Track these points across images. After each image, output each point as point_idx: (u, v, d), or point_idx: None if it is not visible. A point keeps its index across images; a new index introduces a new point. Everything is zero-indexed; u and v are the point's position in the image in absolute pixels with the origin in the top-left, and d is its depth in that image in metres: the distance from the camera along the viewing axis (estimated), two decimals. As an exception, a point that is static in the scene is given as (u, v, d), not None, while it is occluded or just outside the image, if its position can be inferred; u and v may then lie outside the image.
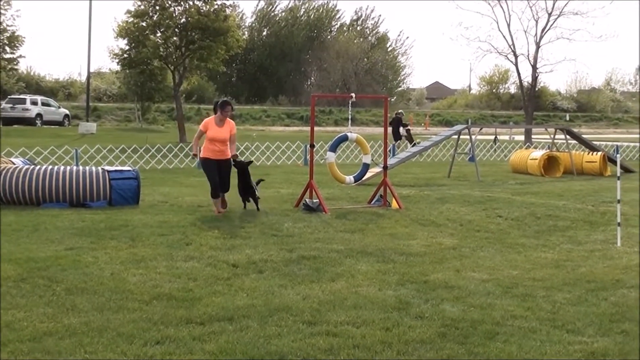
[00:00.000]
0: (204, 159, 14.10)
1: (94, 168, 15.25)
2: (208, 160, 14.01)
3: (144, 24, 40.94)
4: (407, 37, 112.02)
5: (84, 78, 73.17)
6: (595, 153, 25.61)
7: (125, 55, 41.63)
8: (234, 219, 13.25)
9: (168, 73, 44.32)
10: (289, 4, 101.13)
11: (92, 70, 66.40)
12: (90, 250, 10.20)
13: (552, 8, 45.03)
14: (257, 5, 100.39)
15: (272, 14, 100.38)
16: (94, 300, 7.77)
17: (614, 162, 24.26)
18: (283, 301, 7.83)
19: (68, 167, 15.21)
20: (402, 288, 8.48)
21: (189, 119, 63.19)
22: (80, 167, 15.32)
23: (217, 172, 13.99)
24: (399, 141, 35.60)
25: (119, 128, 57.29)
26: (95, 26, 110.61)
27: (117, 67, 45.18)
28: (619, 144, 38.88)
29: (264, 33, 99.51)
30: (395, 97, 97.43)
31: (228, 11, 42.10)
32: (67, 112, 58.91)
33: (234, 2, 43.13)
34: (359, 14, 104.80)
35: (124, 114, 66.39)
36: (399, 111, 40.19)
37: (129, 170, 15.39)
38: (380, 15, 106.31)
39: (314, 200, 14.53)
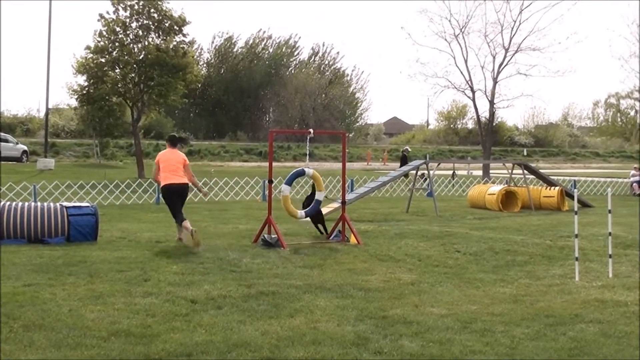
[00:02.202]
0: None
1: (52, 204, 15.09)
2: None
3: (103, 60, 40.85)
4: (363, 72, 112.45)
5: (42, 114, 72.60)
6: (552, 188, 25.91)
7: (84, 92, 41.43)
8: (193, 255, 13.18)
9: (127, 109, 44.15)
10: (248, 39, 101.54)
11: (50, 106, 65.99)
12: (48, 287, 10.08)
13: (509, 44, 45.72)
14: (214, 42, 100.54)
15: (230, 50, 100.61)
16: (52, 336, 7.68)
17: (571, 196, 24.56)
18: (242, 337, 7.80)
19: (26, 203, 15.04)
20: (361, 323, 8.48)
21: (147, 154, 62.88)
22: (39, 203, 15.16)
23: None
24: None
25: (78, 164, 56.85)
26: (53, 62, 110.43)
27: (76, 104, 44.87)
28: (576, 178, 39.37)
29: (222, 69, 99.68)
30: (353, 133, 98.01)
31: (187, 47, 42.16)
32: (25, 148, 58.30)
33: (192, 39, 43.06)
34: (317, 50, 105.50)
35: (83, 149, 65.91)
36: (405, 148, 40.87)
37: (87, 206, 15.26)
38: (337, 52, 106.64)
39: (273, 236, 14.51)
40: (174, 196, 14.99)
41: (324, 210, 17.99)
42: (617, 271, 12.14)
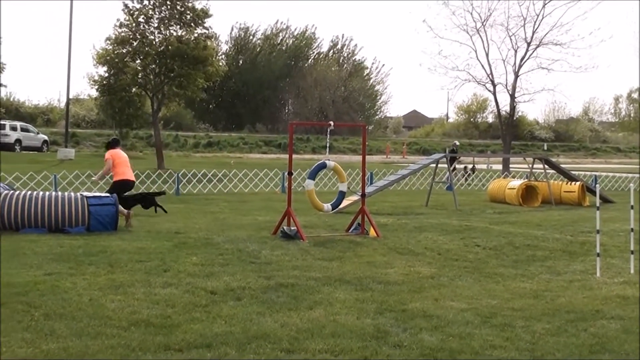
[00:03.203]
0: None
1: (72, 194, 15.18)
2: None
3: (123, 51, 40.93)
4: (384, 65, 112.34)
5: (63, 104, 73.14)
6: (573, 183, 25.78)
7: (105, 82, 41.55)
8: (212, 246, 13.21)
9: (146, 100, 44.24)
10: (265, 30, 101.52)
11: (71, 96, 66.25)
12: (68, 276, 10.14)
13: (532, 38, 45.43)
14: (232, 33, 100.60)
15: (248, 41, 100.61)
16: (73, 325, 7.71)
17: (592, 192, 24.44)
18: (261, 329, 7.80)
19: (47, 193, 15.13)
20: (381, 317, 8.47)
21: (167, 145, 63.11)
22: (59, 193, 15.25)
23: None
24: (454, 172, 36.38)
25: (98, 154, 56.97)
26: (74, 53, 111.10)
27: (96, 94, 45.04)
28: (597, 174, 39.16)
29: (241, 60, 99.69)
30: (372, 126, 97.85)
31: (208, 41, 42.17)
32: (45, 137, 58.67)
33: (214, 32, 43.06)
34: (336, 42, 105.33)
35: (103, 140, 66.03)
36: (454, 143, 41.04)
37: (107, 197, 15.34)
38: (356, 44, 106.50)
39: (292, 228, 14.52)
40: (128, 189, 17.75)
41: (344, 202, 17.98)
42: (639, 267, 12.06)
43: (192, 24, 41.18)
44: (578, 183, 25.62)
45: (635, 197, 12.55)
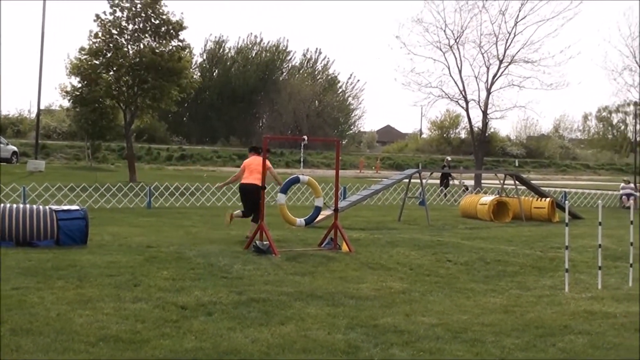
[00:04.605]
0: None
1: (41, 207, 15.02)
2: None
3: (97, 62, 40.75)
4: (358, 81, 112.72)
5: (33, 115, 72.44)
6: (543, 199, 25.95)
7: (77, 93, 41.33)
8: (183, 260, 13.15)
9: (119, 112, 44.07)
10: (237, 43, 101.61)
11: (42, 107, 65.79)
12: (36, 290, 10.03)
13: (503, 55, 45.80)
14: (206, 45, 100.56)
15: (221, 54, 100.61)
16: (40, 341, 7.64)
17: (562, 208, 24.61)
18: (232, 344, 7.77)
19: (15, 205, 14.94)
20: (352, 332, 8.46)
21: (139, 158, 62.86)
22: (28, 206, 15.07)
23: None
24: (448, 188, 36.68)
25: (68, 166, 56.73)
26: (46, 63, 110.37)
27: (68, 105, 44.79)
28: (567, 190, 39.46)
29: (215, 73, 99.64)
30: (346, 140, 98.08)
31: (182, 52, 42.09)
32: (15, 149, 58.09)
33: (188, 44, 42.96)
34: (309, 56, 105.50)
35: (74, 152, 65.77)
36: (446, 158, 41.31)
37: (77, 210, 15.20)
38: (328, 59, 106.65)
39: (264, 242, 14.49)
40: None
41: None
42: (606, 283, 12.16)
43: (166, 36, 41.10)
44: (548, 199, 25.80)
45: (604, 214, 12.64)
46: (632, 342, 8.31)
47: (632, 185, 35.52)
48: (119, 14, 40.55)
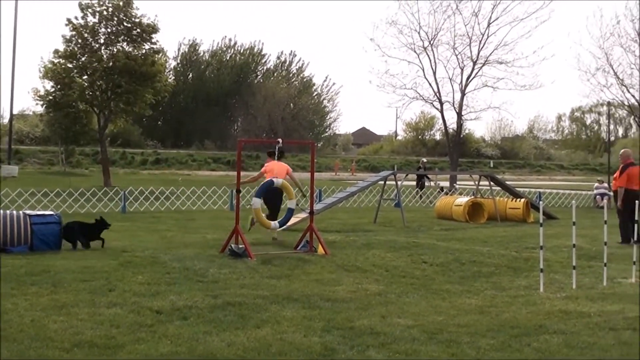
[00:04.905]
0: None
1: (15, 212, 14.90)
2: None
3: (70, 66, 40.56)
4: (334, 83, 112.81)
5: (6, 120, 72.05)
6: (518, 200, 26.07)
7: (51, 97, 41.12)
8: (159, 265, 13.10)
9: (93, 116, 43.88)
10: (211, 47, 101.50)
11: (15, 112, 65.37)
12: (10, 297, 9.95)
13: (477, 57, 46.02)
14: (180, 48, 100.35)
15: (195, 57, 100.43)
16: (13, 348, 7.57)
17: (536, 208, 24.76)
18: (207, 348, 7.75)
19: (-12, 211, 14.83)
20: (328, 334, 8.46)
21: (113, 162, 62.60)
22: (1, 211, 14.94)
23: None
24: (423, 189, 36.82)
25: (42, 171, 56.41)
26: (19, 66, 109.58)
27: (42, 110, 44.57)
28: (541, 190, 39.69)
29: (189, 76, 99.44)
30: (321, 143, 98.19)
31: (156, 56, 41.98)
32: (-13, 155, 57.76)
33: (161, 47, 42.88)
34: (283, 58, 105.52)
35: (47, 157, 65.44)
36: (422, 160, 41.39)
37: (51, 215, 15.10)
38: (303, 61, 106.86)
39: (240, 246, 14.47)
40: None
41: (292, 220, 17.98)
42: (581, 282, 12.23)
43: (139, 40, 40.97)
44: (523, 200, 25.93)
45: (578, 214, 12.73)
46: (606, 341, 8.36)
47: (605, 185, 35.75)
48: (90, 17, 40.40)
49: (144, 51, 41.21)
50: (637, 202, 14.38)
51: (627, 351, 7.97)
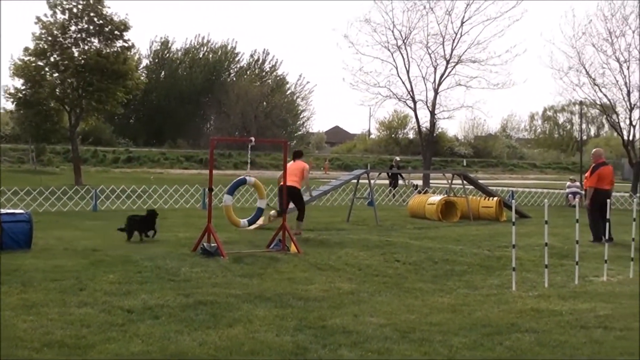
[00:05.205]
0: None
1: (-16, 210, 14.78)
2: None
3: (41, 63, 40.27)
4: (308, 82, 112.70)
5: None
6: (491, 198, 26.20)
7: (21, 95, 40.80)
8: (130, 264, 13.03)
9: (64, 114, 43.58)
10: (184, 44, 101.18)
11: (-16, 110, 64.78)
12: (-22, 296, 9.87)
13: (450, 55, 46.21)
14: (152, 46, 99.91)
15: (167, 55, 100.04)
16: (-19, 348, 7.51)
17: (509, 207, 24.88)
18: (179, 347, 7.72)
19: (-44, 210, 14.69)
20: (300, 333, 8.45)
21: (85, 161, 62.17)
22: (-30, 210, 14.83)
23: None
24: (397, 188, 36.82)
25: (12, 169, 55.91)
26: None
27: (12, 107, 44.23)
28: (514, 189, 39.90)
29: (162, 74, 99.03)
30: (295, 141, 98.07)
31: (129, 54, 41.78)
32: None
33: (133, 44, 42.64)
34: (257, 57, 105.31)
35: (18, 155, 64.91)
36: (395, 159, 41.37)
37: (21, 213, 15.00)
38: (277, 59, 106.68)
39: (212, 245, 14.42)
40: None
41: (260, 221, 17.99)
42: (553, 281, 12.30)
43: (111, 37, 40.75)
44: (495, 198, 26.05)
45: (550, 213, 12.81)
46: (578, 339, 8.41)
47: (577, 183, 36.04)
48: (60, 15, 40.12)
49: (115, 49, 40.99)
50: (608, 201, 14.50)
51: (599, 349, 8.03)
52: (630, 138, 41.30)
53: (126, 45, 41.66)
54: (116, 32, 40.83)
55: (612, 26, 39.52)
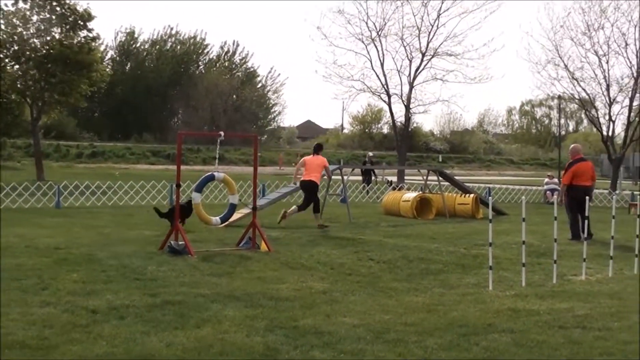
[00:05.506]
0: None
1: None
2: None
3: (1, 55, 39.90)
4: (279, 75, 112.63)
5: None
6: (467, 195, 26.30)
7: (-21, 87, 40.42)
8: (94, 262, 12.97)
9: (26, 107, 43.22)
10: (152, 35, 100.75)
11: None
12: None
13: (426, 48, 46.26)
14: (117, 37, 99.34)
15: (134, 46, 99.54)
16: (-61, 350, 7.45)
17: (486, 204, 25.01)
18: (145, 349, 7.70)
19: None
20: (271, 334, 8.45)
21: (47, 155, 61.74)
22: None
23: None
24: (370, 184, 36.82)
25: (-29, 164, 55.41)
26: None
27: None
28: (491, 186, 40.10)
29: (128, 66, 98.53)
30: (265, 136, 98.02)
31: (93, 44, 41.50)
32: None
33: (97, 34, 42.36)
34: (227, 48, 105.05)
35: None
36: (368, 154, 41.28)
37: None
38: (248, 51, 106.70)
39: (180, 243, 14.38)
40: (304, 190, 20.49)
41: (235, 216, 17.95)
42: (530, 280, 12.39)
43: (74, 27, 40.45)
44: (472, 195, 26.16)
45: (527, 210, 12.88)
46: (556, 339, 8.48)
47: (556, 180, 36.23)
48: (21, 4, 39.78)
49: (79, 39, 40.68)
50: (587, 198, 14.61)
51: (577, 350, 8.09)
52: (610, 133, 41.60)
53: (90, 35, 41.34)
54: (80, 22, 40.51)
55: (591, 19, 39.78)
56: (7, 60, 40.19)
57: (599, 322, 9.30)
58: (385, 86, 46.83)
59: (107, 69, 50.39)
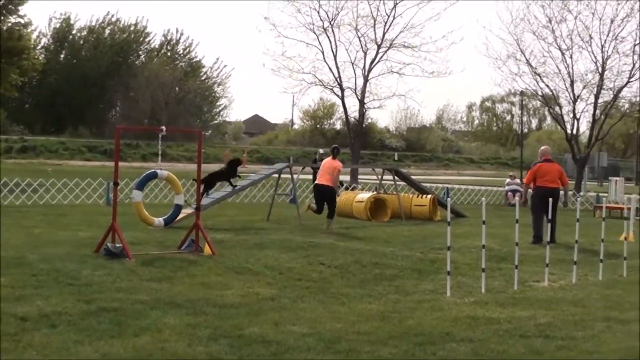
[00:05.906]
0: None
1: None
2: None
3: None
4: (225, 66, 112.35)
5: None
6: (424, 196, 26.43)
7: None
8: (24, 266, 12.81)
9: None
10: (88, 22, 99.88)
11: None
12: None
13: (382, 40, 46.36)
14: (51, 23, 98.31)
15: (69, 33, 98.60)
16: None
17: (444, 205, 25.15)
18: (79, 359, 7.63)
19: None
20: (214, 343, 8.43)
21: (-26, 150, 60.96)
22: None
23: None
24: None
25: None
26: None
27: None
28: (449, 186, 40.33)
29: (62, 54, 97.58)
30: (210, 131, 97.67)
31: (23, 30, 41.06)
32: None
33: (29, 20, 41.94)
34: (169, 37, 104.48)
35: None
36: (319, 152, 40.85)
37: None
38: (192, 40, 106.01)
39: (117, 245, 14.28)
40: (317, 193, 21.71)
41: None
42: (490, 286, 12.49)
43: (4, 11, 39.99)
44: (429, 196, 26.29)
45: (488, 212, 12.97)
46: (516, 349, 8.55)
47: (517, 180, 36.61)
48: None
49: (9, 25, 40.22)
50: (550, 199, 14.76)
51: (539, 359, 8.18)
52: (574, 132, 42.05)
53: (22, 21, 40.92)
54: (10, 6, 40.06)
55: (552, 12, 40.13)
56: None
57: (562, 331, 9.40)
58: (338, 79, 46.87)
59: (40, 57, 49.82)
